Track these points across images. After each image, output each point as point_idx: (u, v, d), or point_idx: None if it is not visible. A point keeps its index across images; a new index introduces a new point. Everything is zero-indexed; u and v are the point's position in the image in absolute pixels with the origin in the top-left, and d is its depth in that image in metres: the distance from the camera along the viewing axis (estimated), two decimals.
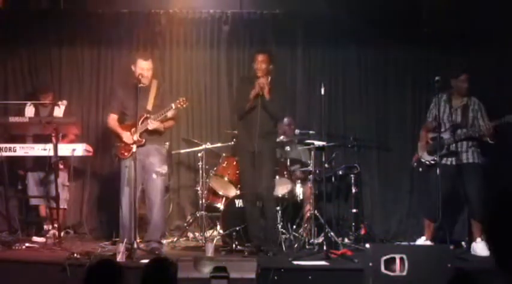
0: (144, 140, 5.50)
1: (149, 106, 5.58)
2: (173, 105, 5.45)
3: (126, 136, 5.53)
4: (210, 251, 5.09)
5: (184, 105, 5.49)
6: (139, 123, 5.48)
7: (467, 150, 5.71)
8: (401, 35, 6.96)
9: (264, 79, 5.45)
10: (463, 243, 6.01)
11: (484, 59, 6.68)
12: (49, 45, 7.11)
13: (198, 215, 6.31)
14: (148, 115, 5.51)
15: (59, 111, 6.33)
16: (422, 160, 5.97)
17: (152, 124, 5.46)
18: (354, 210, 6.26)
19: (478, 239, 5.61)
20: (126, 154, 5.51)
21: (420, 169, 6.36)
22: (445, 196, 5.50)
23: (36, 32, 7.01)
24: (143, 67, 5.54)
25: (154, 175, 5.54)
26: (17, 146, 5.93)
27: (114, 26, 7.09)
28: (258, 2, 7.13)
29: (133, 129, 5.49)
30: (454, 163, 5.69)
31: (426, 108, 6.17)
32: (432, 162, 5.81)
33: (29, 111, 6.40)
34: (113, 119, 5.73)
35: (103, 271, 2.97)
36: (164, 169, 5.63)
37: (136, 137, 5.48)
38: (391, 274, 4.24)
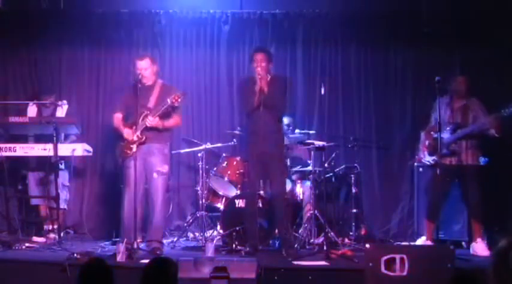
0: (144, 137, 5.50)
1: (151, 105, 5.59)
2: (168, 100, 5.45)
3: (127, 133, 5.54)
4: (210, 251, 5.09)
5: (179, 100, 5.45)
6: (140, 120, 5.50)
7: (466, 150, 5.72)
8: (401, 35, 6.97)
9: (262, 71, 5.40)
10: (463, 243, 6.02)
11: (484, 58, 6.68)
12: (49, 45, 7.11)
13: (198, 215, 6.31)
14: (148, 112, 5.52)
15: (61, 112, 6.34)
16: (423, 161, 6.01)
17: (150, 121, 5.46)
18: (354, 210, 6.26)
19: (478, 239, 5.62)
20: (128, 152, 5.51)
21: (420, 169, 6.38)
22: (444, 196, 5.62)
23: (36, 32, 7.00)
24: (141, 67, 5.57)
25: (155, 175, 5.55)
26: (17, 146, 5.94)
27: (114, 26, 7.09)
28: (258, 2, 7.13)
29: (134, 127, 5.50)
30: (454, 163, 5.70)
31: (426, 108, 6.15)
32: (432, 162, 5.84)
33: (32, 110, 6.40)
34: (117, 118, 5.74)
35: (93, 271, 2.97)
36: (165, 168, 5.61)
37: (137, 134, 5.49)
38: (391, 274, 4.24)
